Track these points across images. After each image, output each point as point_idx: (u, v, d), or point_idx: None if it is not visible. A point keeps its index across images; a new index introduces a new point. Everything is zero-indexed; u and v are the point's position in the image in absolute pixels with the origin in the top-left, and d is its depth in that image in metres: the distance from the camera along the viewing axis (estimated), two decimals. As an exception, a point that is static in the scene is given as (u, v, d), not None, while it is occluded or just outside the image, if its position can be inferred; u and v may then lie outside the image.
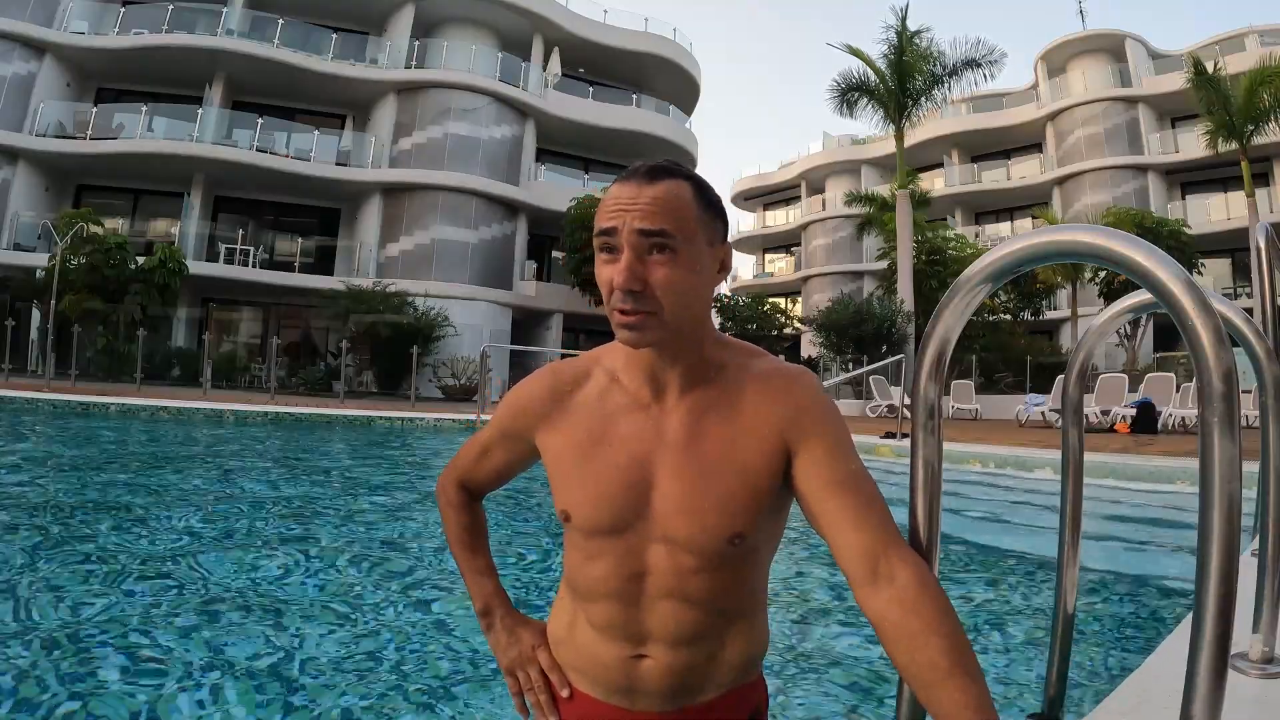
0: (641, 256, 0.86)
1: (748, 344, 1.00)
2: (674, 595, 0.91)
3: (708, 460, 0.90)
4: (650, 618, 0.92)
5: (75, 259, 16.44)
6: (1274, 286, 1.73)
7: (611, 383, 0.97)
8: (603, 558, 0.93)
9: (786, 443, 0.90)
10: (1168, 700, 1.12)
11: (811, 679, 2.02)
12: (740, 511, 0.89)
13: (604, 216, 0.88)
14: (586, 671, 0.97)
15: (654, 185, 0.87)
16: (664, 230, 0.86)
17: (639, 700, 0.94)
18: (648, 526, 0.91)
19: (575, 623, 0.98)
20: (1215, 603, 0.64)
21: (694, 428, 0.92)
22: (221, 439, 7.73)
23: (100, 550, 2.96)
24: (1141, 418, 11.06)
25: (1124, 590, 3.02)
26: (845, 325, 19.81)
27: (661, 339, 0.89)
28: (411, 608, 2.51)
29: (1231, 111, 17.75)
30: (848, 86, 20.38)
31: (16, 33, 18.92)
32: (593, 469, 0.93)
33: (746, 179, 39.41)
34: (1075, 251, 0.74)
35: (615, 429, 0.94)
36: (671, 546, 0.91)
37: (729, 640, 0.95)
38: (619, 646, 0.94)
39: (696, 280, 0.89)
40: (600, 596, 0.94)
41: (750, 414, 0.92)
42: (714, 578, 0.91)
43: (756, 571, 0.97)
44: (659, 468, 0.91)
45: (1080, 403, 1.24)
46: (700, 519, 0.89)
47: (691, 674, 0.94)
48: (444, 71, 21.67)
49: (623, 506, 0.91)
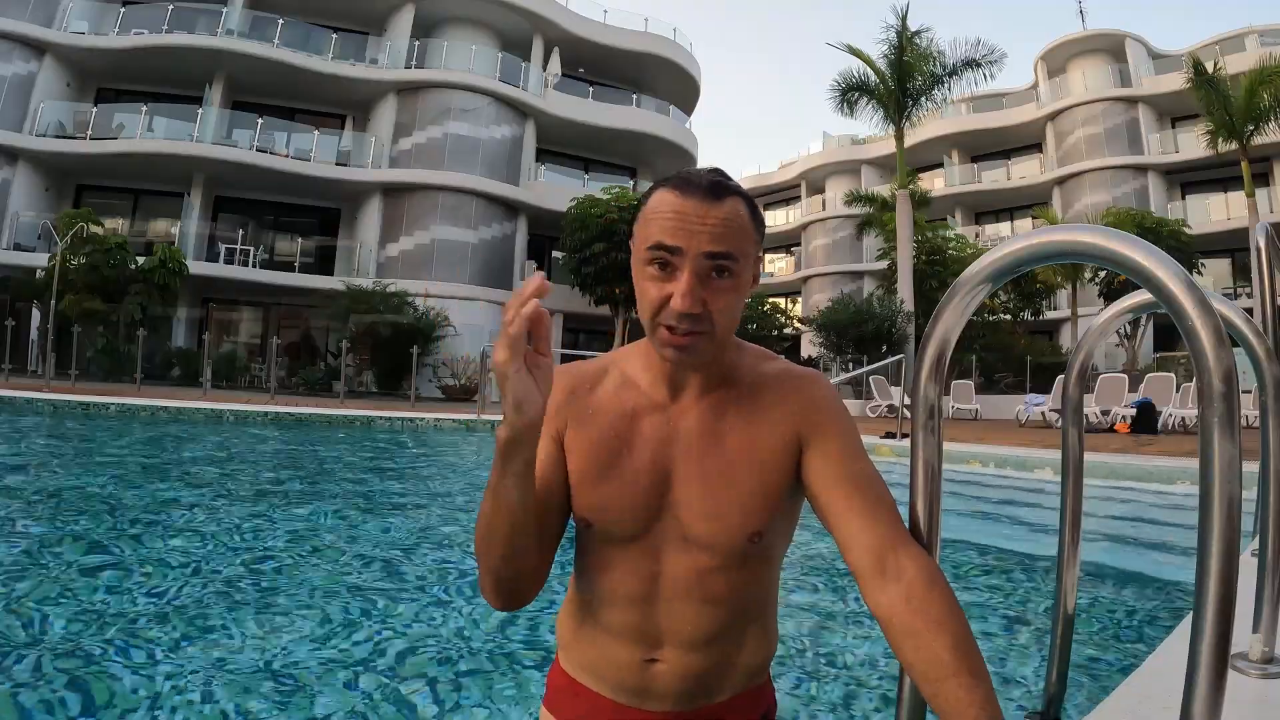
0: (703, 279, 0.85)
1: (760, 347, 1.01)
2: (691, 596, 0.91)
3: (727, 459, 0.91)
4: (666, 620, 0.92)
5: (75, 259, 16.43)
6: (1274, 286, 1.73)
7: (627, 384, 0.96)
8: (621, 561, 0.93)
9: (800, 439, 0.91)
10: (1168, 700, 1.12)
11: (815, 678, 2.02)
12: (759, 509, 0.90)
13: (664, 231, 0.85)
14: (597, 671, 0.96)
15: (720, 205, 0.85)
16: (730, 253, 0.85)
17: (650, 701, 0.94)
18: (667, 527, 0.91)
19: (585, 624, 0.97)
20: (1215, 603, 0.64)
21: (713, 427, 0.92)
22: (222, 438, 7.73)
23: (99, 550, 2.96)
24: (1141, 418, 11.06)
25: (1124, 590, 3.02)
26: (845, 325, 19.81)
27: (708, 359, 0.90)
28: (419, 602, 2.51)
29: (1231, 111, 17.74)
30: (848, 86, 20.38)
31: (16, 33, 18.91)
32: (615, 474, 0.92)
33: (746, 179, 39.38)
34: (1075, 251, 0.74)
35: (633, 431, 0.93)
36: (690, 547, 0.91)
37: (744, 642, 0.96)
38: (632, 650, 0.93)
39: (744, 299, 0.90)
40: (616, 599, 0.93)
41: (767, 413, 0.92)
42: (733, 577, 0.92)
43: (772, 570, 0.98)
44: (678, 468, 0.91)
45: (1080, 403, 1.24)
46: (721, 518, 0.89)
47: (705, 677, 0.94)
48: (444, 71, 21.67)
49: (643, 509, 0.91)
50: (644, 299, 0.87)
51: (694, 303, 0.83)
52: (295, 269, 21.20)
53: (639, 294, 0.88)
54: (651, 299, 0.86)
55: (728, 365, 0.95)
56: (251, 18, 20.60)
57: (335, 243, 22.20)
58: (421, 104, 21.74)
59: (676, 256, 0.84)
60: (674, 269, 0.85)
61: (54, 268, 15.53)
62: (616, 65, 25.58)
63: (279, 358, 16.72)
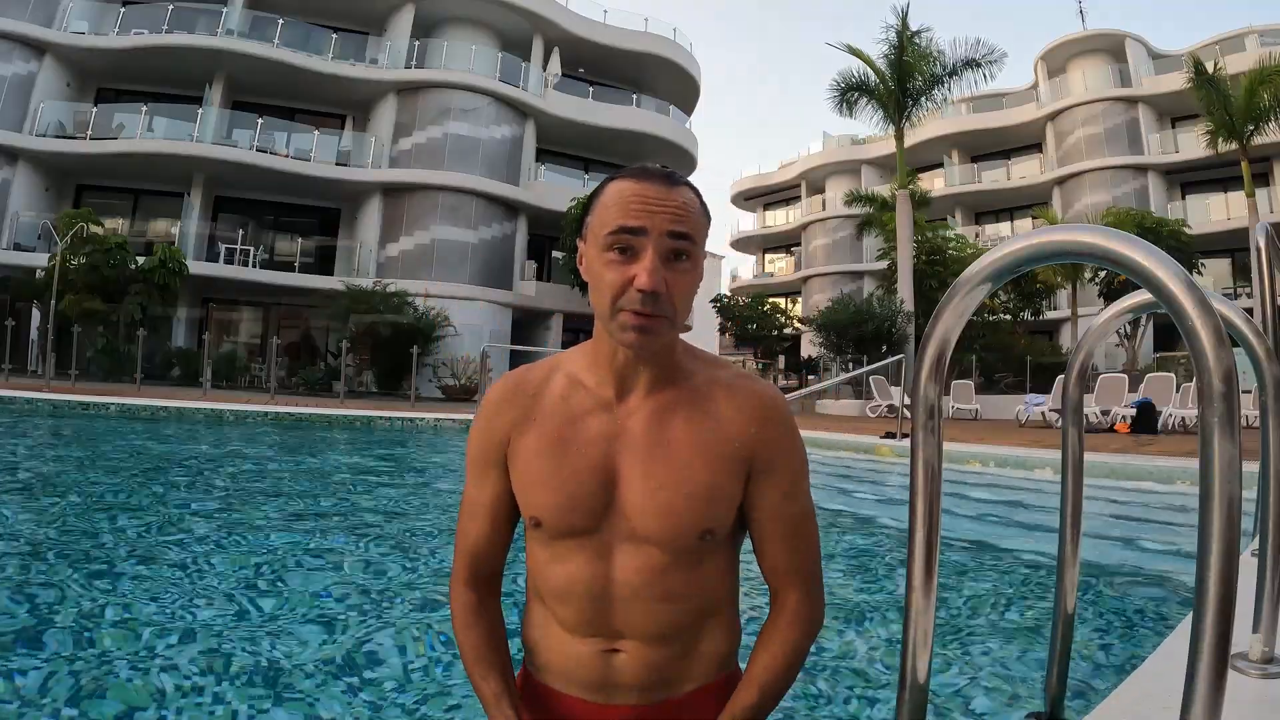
0: (665, 261, 0.86)
1: (712, 354, 1.02)
2: (645, 592, 0.92)
3: (675, 458, 0.91)
4: (622, 615, 0.93)
5: (75, 259, 16.43)
6: (1274, 286, 1.73)
7: (574, 385, 0.96)
8: (570, 559, 0.93)
9: (751, 462, 0.93)
10: (1168, 700, 1.12)
11: (806, 676, 2.02)
12: (708, 507, 0.91)
13: (626, 213, 0.85)
14: (562, 671, 0.97)
15: (678, 190, 0.87)
16: (690, 235, 0.86)
17: (616, 695, 0.94)
18: (616, 525, 0.92)
19: (547, 625, 0.97)
20: (1215, 603, 0.64)
21: (660, 426, 0.93)
22: (222, 439, 7.73)
23: (99, 547, 2.96)
24: (1141, 418, 11.06)
25: (1124, 590, 3.02)
26: (845, 325, 19.82)
27: (665, 344, 0.90)
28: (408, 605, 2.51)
29: (1231, 111, 17.74)
30: (848, 86, 20.38)
31: (16, 33, 18.92)
32: (561, 473, 0.92)
33: (746, 179, 39.42)
34: (1075, 251, 0.74)
35: (581, 430, 0.94)
36: (642, 544, 0.91)
37: (705, 634, 0.96)
38: (592, 643, 0.94)
39: (697, 288, 0.90)
40: (570, 597, 0.94)
41: (719, 418, 0.93)
42: (685, 573, 0.92)
43: (729, 563, 0.98)
44: (626, 466, 0.92)
45: (1080, 403, 1.24)
46: (669, 516, 0.90)
47: (667, 668, 0.94)
48: (444, 71, 21.67)
49: (592, 507, 0.92)
50: (602, 286, 0.87)
51: (659, 281, 0.84)
52: (295, 269, 21.19)
53: (595, 283, 0.88)
54: (612, 283, 0.86)
55: (675, 365, 0.95)
56: (251, 18, 20.60)
57: (335, 243, 22.20)
58: (421, 104, 21.74)
59: (639, 238, 0.85)
60: (635, 252, 0.85)
61: (54, 268, 15.53)
62: (616, 65, 25.59)
63: (279, 358, 16.72)
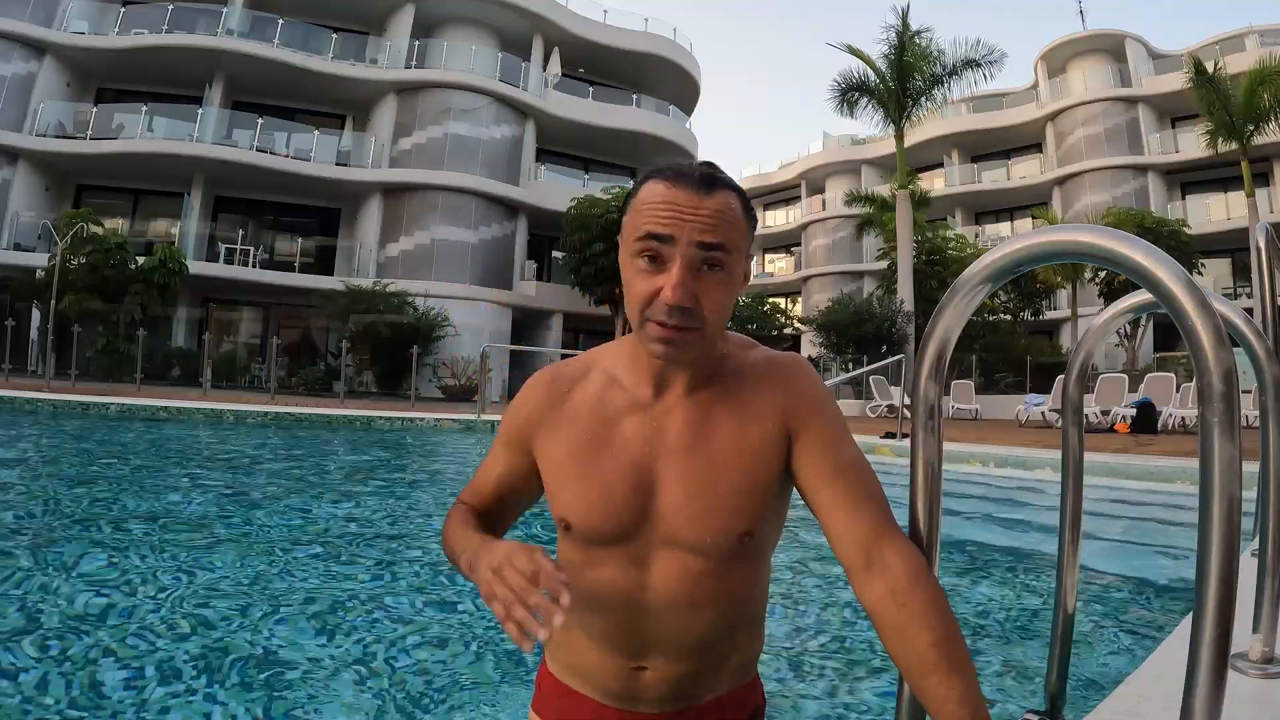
0: (694, 271, 0.82)
1: (740, 335, 0.98)
2: (680, 602, 0.89)
3: (714, 458, 0.88)
4: (654, 627, 0.90)
5: (75, 259, 16.42)
6: (1274, 286, 1.73)
7: (610, 384, 0.93)
8: (604, 566, 0.90)
9: (788, 431, 0.89)
10: (1168, 700, 1.12)
11: (809, 675, 2.02)
12: (748, 508, 0.88)
13: (655, 221, 0.82)
14: (584, 674, 0.95)
15: (713, 195, 0.83)
16: (722, 244, 0.83)
17: (639, 705, 0.93)
18: (652, 531, 0.89)
19: (571, 628, 0.94)
20: (1215, 603, 0.64)
21: (699, 425, 0.89)
22: (221, 439, 7.73)
23: (99, 548, 2.96)
24: (1141, 418, 11.07)
25: (1124, 590, 3.02)
26: (845, 325, 19.83)
27: (697, 356, 0.87)
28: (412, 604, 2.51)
29: (1231, 111, 17.73)
30: (848, 86, 20.36)
31: (16, 33, 18.91)
32: (594, 475, 0.89)
33: (746, 179, 39.35)
34: (1075, 251, 0.74)
35: (615, 432, 0.90)
36: (678, 550, 0.88)
37: (735, 643, 0.94)
38: (620, 660, 0.91)
39: (736, 295, 0.87)
40: (601, 607, 0.91)
41: (753, 404, 0.90)
42: (724, 579, 0.89)
43: (763, 566, 0.96)
44: (663, 470, 0.89)
45: (1080, 403, 1.24)
46: (709, 520, 0.87)
47: (694, 680, 0.92)
48: (444, 71, 21.66)
49: (626, 512, 0.88)
50: (632, 293, 0.84)
51: (685, 295, 0.81)
52: (295, 269, 21.20)
53: (627, 288, 0.86)
54: (640, 292, 0.83)
55: (714, 360, 0.92)
56: (251, 18, 20.59)
57: (335, 243, 22.20)
58: (421, 104, 21.73)
59: (667, 247, 0.82)
60: (664, 261, 0.82)
61: (54, 268, 15.52)
62: (616, 65, 25.58)
63: (279, 358, 16.72)
